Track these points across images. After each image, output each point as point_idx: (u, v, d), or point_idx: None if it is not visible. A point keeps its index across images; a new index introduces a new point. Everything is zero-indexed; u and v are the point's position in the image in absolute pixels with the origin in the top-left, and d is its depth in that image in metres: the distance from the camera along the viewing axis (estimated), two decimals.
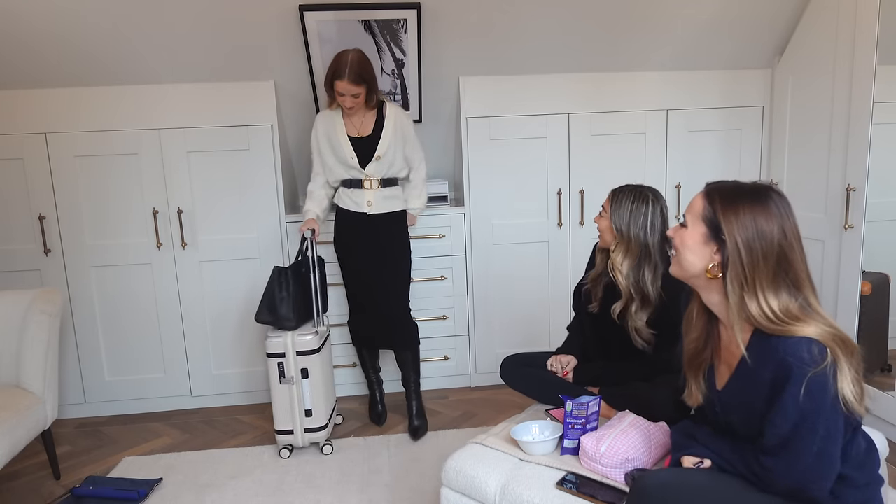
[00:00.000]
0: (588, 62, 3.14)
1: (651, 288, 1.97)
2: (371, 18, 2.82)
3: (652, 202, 2.00)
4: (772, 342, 1.26)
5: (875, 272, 2.71)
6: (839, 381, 1.21)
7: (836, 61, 2.74)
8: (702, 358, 1.46)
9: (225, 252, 3.16)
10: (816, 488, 1.25)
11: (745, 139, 3.34)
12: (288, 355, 2.62)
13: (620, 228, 1.99)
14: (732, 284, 1.30)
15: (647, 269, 1.98)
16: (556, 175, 3.26)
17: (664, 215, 2.02)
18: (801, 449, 1.23)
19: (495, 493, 1.68)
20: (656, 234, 1.98)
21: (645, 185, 2.06)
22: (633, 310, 1.99)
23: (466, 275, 3.29)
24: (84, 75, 2.91)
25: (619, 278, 2.00)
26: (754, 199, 1.31)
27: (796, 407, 1.22)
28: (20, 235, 3.05)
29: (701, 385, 1.46)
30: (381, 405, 3.05)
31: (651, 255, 1.98)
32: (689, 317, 1.48)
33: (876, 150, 2.58)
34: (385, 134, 2.76)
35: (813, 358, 1.20)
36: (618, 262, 2.00)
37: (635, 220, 1.98)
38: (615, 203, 2.02)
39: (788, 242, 1.29)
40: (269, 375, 2.65)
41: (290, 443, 2.69)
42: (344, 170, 2.80)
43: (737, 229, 1.29)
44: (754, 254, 1.28)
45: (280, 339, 2.62)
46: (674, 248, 1.41)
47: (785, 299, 1.27)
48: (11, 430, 2.24)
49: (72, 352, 3.14)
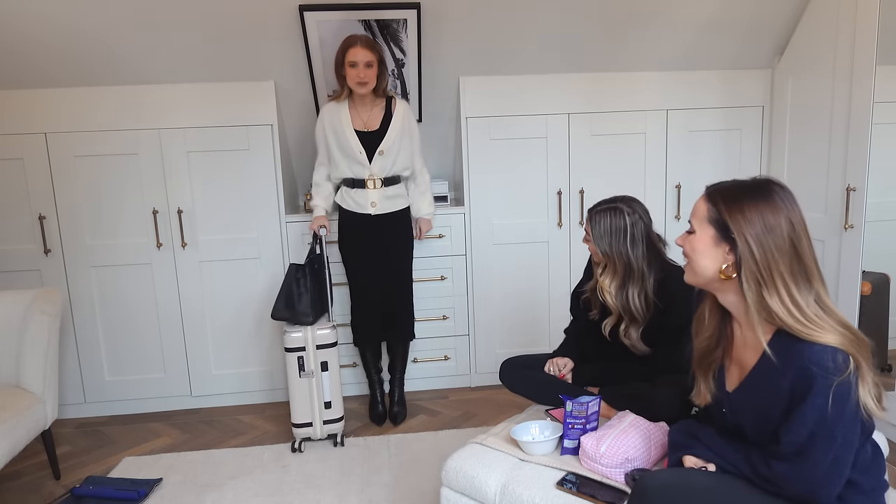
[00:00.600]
0: (588, 62, 3.14)
1: (638, 302, 1.97)
2: (371, 18, 2.82)
3: (628, 214, 1.98)
4: (796, 348, 1.24)
5: (875, 272, 2.71)
6: (860, 388, 1.20)
7: (836, 61, 2.74)
8: (713, 357, 1.45)
9: (225, 252, 3.16)
10: (826, 494, 1.24)
11: (745, 139, 3.34)
12: (308, 349, 2.66)
13: (605, 251, 2.00)
14: (749, 282, 1.28)
15: (631, 287, 1.98)
16: (556, 175, 3.26)
17: (644, 220, 2.01)
18: (818, 456, 1.22)
19: (495, 493, 1.68)
20: (639, 246, 1.97)
21: (617, 196, 2.05)
22: (623, 327, 2.01)
23: (466, 275, 3.29)
24: (84, 75, 2.91)
25: (609, 299, 2.02)
26: (757, 195, 1.30)
27: (816, 416, 1.20)
28: (20, 235, 3.04)
29: (710, 384, 1.45)
30: (381, 405, 3.05)
31: (634, 270, 1.97)
32: (701, 317, 1.47)
33: (876, 150, 2.58)
34: (393, 127, 2.75)
35: (837, 367, 1.19)
36: (605, 285, 2.02)
37: (616, 238, 1.98)
38: (594, 226, 2.02)
39: (797, 233, 1.28)
40: (288, 370, 2.69)
41: (307, 435, 2.74)
42: (348, 165, 2.78)
43: (745, 227, 1.28)
44: (767, 249, 1.26)
45: (300, 334, 2.67)
46: (685, 256, 1.40)
47: (804, 293, 1.26)
48: (11, 430, 2.24)
49: (72, 352, 3.14)
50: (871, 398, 1.21)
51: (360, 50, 2.58)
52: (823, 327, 1.23)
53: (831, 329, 1.23)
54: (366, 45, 2.60)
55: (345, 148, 2.75)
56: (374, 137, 2.75)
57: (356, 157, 2.73)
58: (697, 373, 1.48)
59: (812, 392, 1.20)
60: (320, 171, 2.88)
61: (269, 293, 3.19)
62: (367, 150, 2.75)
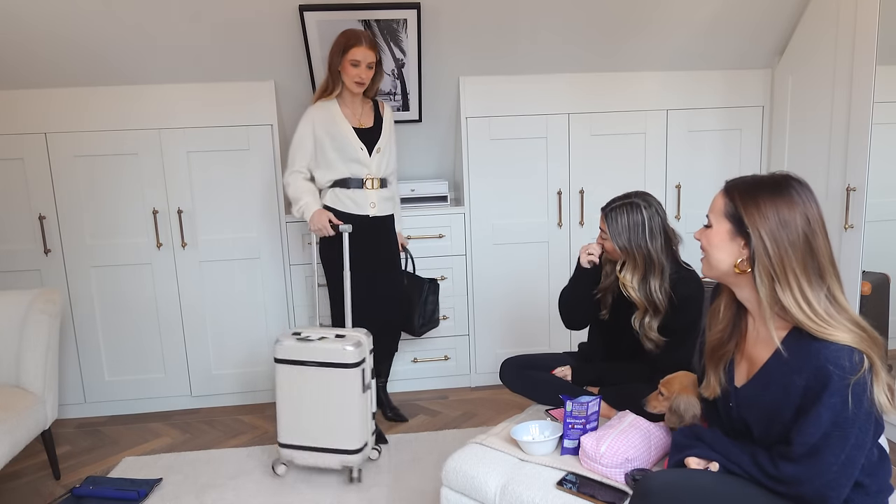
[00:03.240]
0: (588, 62, 3.14)
1: (660, 294, 1.98)
2: (371, 18, 2.82)
3: (644, 208, 1.99)
4: (813, 347, 1.24)
5: (875, 272, 2.71)
6: (875, 385, 1.21)
7: (836, 61, 2.74)
8: (724, 350, 1.46)
9: (225, 252, 3.16)
10: (834, 496, 1.24)
11: (745, 139, 3.34)
12: (367, 360, 2.42)
13: (624, 247, 2.00)
14: (762, 277, 1.29)
15: (653, 279, 1.99)
16: (556, 175, 3.26)
17: (661, 213, 2.02)
18: (829, 458, 1.22)
19: (495, 493, 1.68)
20: (658, 239, 1.99)
21: (631, 192, 2.06)
22: (647, 319, 2.02)
23: (466, 275, 3.29)
24: (84, 75, 2.91)
25: (633, 294, 2.01)
26: (774, 190, 1.30)
27: (831, 416, 1.20)
28: (20, 235, 3.04)
29: (720, 377, 1.45)
30: (389, 410, 3.05)
31: (655, 263, 1.98)
32: (716, 310, 1.47)
33: (876, 150, 2.58)
34: (385, 126, 2.72)
35: (854, 366, 1.19)
36: (628, 280, 2.01)
37: (634, 232, 1.98)
38: (610, 223, 2.02)
39: (812, 229, 1.28)
40: (348, 389, 2.33)
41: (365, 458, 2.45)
42: (345, 165, 2.63)
43: (759, 221, 1.28)
44: (780, 244, 1.27)
45: (359, 347, 2.36)
46: (702, 249, 1.41)
47: (816, 289, 1.26)
48: (11, 430, 2.24)
49: (72, 352, 3.14)
50: (884, 395, 1.22)
51: (364, 50, 2.52)
52: (835, 325, 1.23)
53: (843, 328, 1.23)
54: (370, 45, 2.54)
55: (342, 146, 2.62)
56: (369, 134, 2.67)
57: (356, 154, 2.63)
58: (709, 365, 1.49)
59: (828, 391, 1.20)
60: (295, 178, 2.66)
61: (268, 293, 3.19)
62: (368, 147, 2.67)
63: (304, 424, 2.41)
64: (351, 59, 2.54)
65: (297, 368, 2.37)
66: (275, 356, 2.41)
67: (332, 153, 2.64)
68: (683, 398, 1.63)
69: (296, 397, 2.40)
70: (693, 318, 1.99)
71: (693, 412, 1.60)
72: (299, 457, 2.44)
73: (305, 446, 2.42)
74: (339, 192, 2.68)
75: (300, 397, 2.39)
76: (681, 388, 1.67)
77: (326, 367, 2.34)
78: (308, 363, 2.36)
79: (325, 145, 2.64)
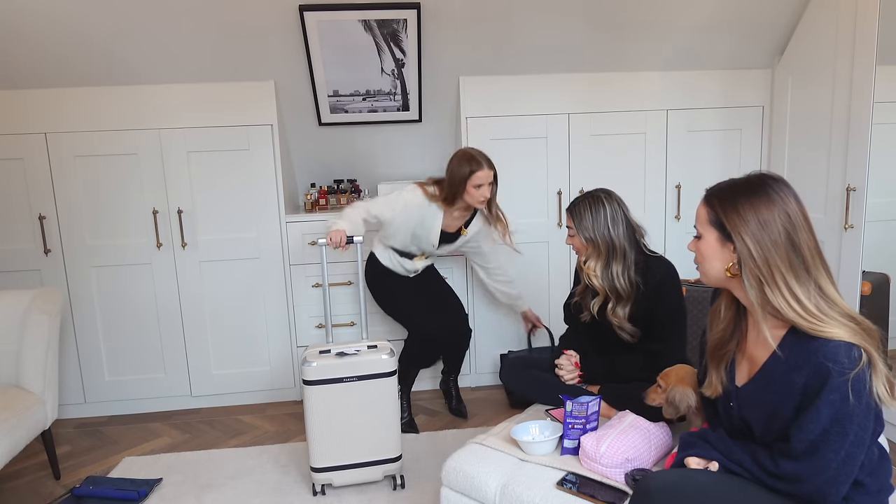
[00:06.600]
0: (588, 62, 3.14)
1: (622, 279, 2.02)
2: (371, 18, 2.82)
3: (606, 200, 2.06)
4: (811, 345, 1.24)
5: (875, 272, 2.71)
6: (874, 378, 1.21)
7: (836, 61, 2.74)
8: (726, 349, 1.46)
9: (225, 252, 3.16)
10: (834, 493, 1.24)
11: (745, 139, 3.34)
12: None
13: (589, 238, 2.05)
14: (749, 280, 1.30)
15: (615, 264, 2.03)
16: (556, 175, 3.26)
17: (623, 207, 2.07)
18: (828, 454, 1.22)
19: (495, 493, 1.68)
20: (619, 227, 2.04)
21: (594, 189, 2.12)
22: (611, 306, 2.05)
23: (466, 275, 3.29)
24: (84, 75, 2.91)
25: (595, 282, 2.06)
26: (751, 192, 1.32)
27: (831, 412, 1.21)
28: (20, 235, 3.04)
29: (722, 376, 1.46)
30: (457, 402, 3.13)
31: (617, 248, 2.03)
32: (717, 310, 1.49)
33: (876, 150, 2.58)
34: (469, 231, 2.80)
35: (852, 362, 1.20)
36: (590, 267, 2.06)
37: (597, 222, 2.04)
38: (575, 218, 2.08)
39: (793, 224, 1.29)
40: (387, 397, 2.31)
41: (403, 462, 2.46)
42: (412, 245, 2.78)
43: (741, 226, 1.30)
44: (763, 245, 1.28)
45: (393, 356, 2.35)
46: (695, 262, 1.43)
47: (804, 284, 1.27)
48: (11, 430, 2.24)
49: (72, 352, 3.14)
50: (884, 387, 1.22)
51: (486, 172, 2.59)
52: (828, 322, 1.24)
53: (837, 323, 1.24)
54: (490, 165, 2.62)
55: (419, 239, 2.74)
56: (449, 236, 2.79)
57: (427, 247, 2.78)
58: (710, 364, 1.49)
59: (827, 388, 1.21)
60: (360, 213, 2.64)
61: (268, 293, 3.19)
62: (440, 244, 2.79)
63: (343, 443, 2.32)
64: (475, 183, 2.60)
65: (334, 387, 2.27)
66: (304, 378, 2.26)
67: (408, 237, 2.75)
68: (679, 389, 1.66)
69: (333, 417, 2.29)
70: (676, 304, 2.01)
71: (687, 402, 1.64)
72: (338, 478, 2.35)
73: (345, 465, 2.34)
74: (392, 255, 2.84)
75: (338, 416, 2.30)
76: (677, 380, 1.70)
77: (365, 379, 2.30)
78: (346, 379, 2.28)
79: (406, 229, 2.72)
